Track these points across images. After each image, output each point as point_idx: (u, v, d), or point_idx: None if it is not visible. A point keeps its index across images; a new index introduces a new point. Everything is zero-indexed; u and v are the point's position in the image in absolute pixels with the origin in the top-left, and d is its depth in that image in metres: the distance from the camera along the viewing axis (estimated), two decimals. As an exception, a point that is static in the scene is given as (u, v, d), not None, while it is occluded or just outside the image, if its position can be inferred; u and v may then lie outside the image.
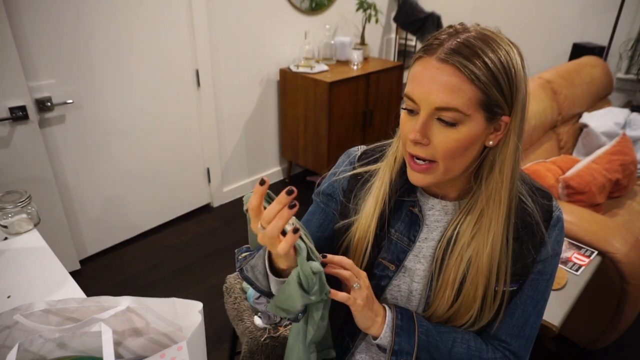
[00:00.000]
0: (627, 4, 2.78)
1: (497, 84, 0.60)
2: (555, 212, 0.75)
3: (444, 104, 0.60)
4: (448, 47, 0.60)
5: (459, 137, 0.62)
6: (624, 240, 1.51)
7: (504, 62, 0.60)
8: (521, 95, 0.63)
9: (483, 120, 0.62)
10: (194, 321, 0.64)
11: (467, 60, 0.59)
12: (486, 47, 0.60)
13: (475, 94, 0.60)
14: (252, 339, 1.24)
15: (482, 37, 0.61)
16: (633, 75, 2.96)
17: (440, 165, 0.65)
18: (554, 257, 0.75)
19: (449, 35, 0.62)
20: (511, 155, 0.66)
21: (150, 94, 2.25)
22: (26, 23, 1.74)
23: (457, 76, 0.59)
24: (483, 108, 0.61)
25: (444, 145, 0.63)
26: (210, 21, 2.36)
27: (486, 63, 0.59)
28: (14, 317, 0.62)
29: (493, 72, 0.59)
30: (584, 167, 1.96)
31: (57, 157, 2.00)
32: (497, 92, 0.60)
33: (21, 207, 1.15)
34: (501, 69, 0.60)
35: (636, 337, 1.86)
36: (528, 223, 0.72)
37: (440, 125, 0.63)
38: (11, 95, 1.71)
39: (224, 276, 1.49)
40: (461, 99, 0.60)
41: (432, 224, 0.77)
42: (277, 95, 2.92)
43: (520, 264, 0.72)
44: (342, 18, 3.11)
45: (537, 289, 0.75)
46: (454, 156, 0.64)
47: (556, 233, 0.74)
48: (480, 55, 0.59)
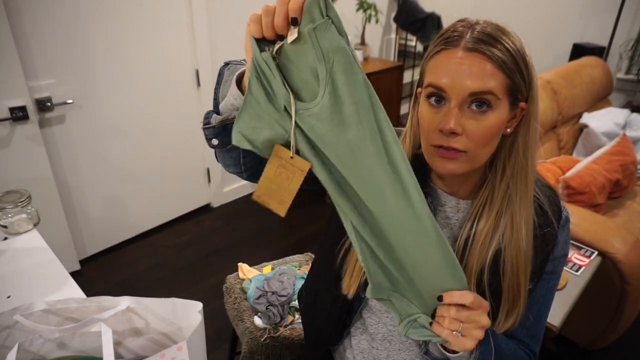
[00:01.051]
0: (627, 4, 2.78)
1: (519, 70, 0.62)
2: (564, 212, 0.75)
3: (480, 88, 0.61)
4: (472, 37, 0.62)
5: (489, 124, 0.63)
6: (624, 240, 1.51)
7: (520, 49, 0.62)
8: (535, 82, 0.65)
9: (508, 106, 0.64)
10: (194, 321, 0.64)
11: (493, 47, 0.61)
12: (502, 34, 0.62)
13: (504, 80, 0.62)
14: (252, 339, 1.24)
15: (496, 27, 0.63)
16: (633, 76, 2.96)
17: (469, 154, 0.65)
18: (563, 257, 0.76)
19: (465, 27, 0.64)
20: (533, 138, 0.67)
21: (150, 94, 2.25)
22: (26, 23, 1.74)
23: (487, 63, 0.61)
24: (509, 94, 0.63)
25: (476, 133, 0.63)
26: (210, 21, 2.36)
27: (508, 49, 0.61)
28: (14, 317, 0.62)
29: (515, 58, 0.62)
30: (584, 168, 1.96)
31: (57, 157, 2.00)
32: (519, 77, 0.63)
33: (21, 207, 1.15)
34: (519, 55, 0.62)
35: (636, 337, 1.86)
36: (543, 222, 0.72)
37: (471, 114, 0.63)
38: (11, 95, 1.71)
39: (224, 276, 1.49)
40: (494, 83, 0.61)
41: (442, 220, 0.75)
42: (277, 95, 2.91)
43: (538, 261, 0.72)
44: (342, 18, 3.09)
45: (548, 288, 0.75)
46: (484, 144, 0.64)
47: (566, 232, 0.75)
48: (502, 42, 0.61)
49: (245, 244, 2.48)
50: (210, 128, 0.63)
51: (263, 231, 2.59)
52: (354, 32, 3.24)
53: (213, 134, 0.64)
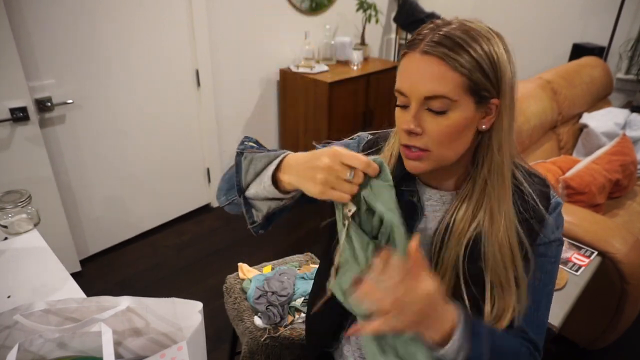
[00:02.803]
0: (627, 4, 2.78)
1: (481, 69, 0.63)
2: (553, 198, 0.76)
3: (432, 92, 0.64)
4: (430, 40, 0.64)
5: (449, 123, 0.65)
6: (624, 240, 1.51)
7: (485, 49, 0.64)
8: (507, 78, 0.66)
9: (472, 105, 0.65)
10: (194, 321, 0.64)
11: (449, 50, 0.62)
12: (467, 36, 0.63)
13: (461, 80, 0.63)
14: (252, 339, 1.24)
15: (463, 28, 0.64)
16: (633, 76, 2.96)
17: (433, 152, 0.68)
18: (556, 241, 0.76)
19: (430, 30, 0.66)
20: (506, 134, 0.68)
21: (150, 94, 2.25)
22: (27, 23, 1.74)
23: (441, 65, 0.63)
24: (471, 93, 0.64)
25: (437, 133, 0.66)
26: (210, 21, 2.36)
27: (467, 51, 0.63)
28: (14, 317, 0.62)
29: (475, 58, 0.63)
30: (584, 168, 1.96)
31: (57, 157, 2.00)
32: (481, 76, 0.64)
33: (21, 207, 1.15)
34: (483, 54, 0.63)
35: (636, 337, 1.86)
36: (525, 207, 0.73)
37: (430, 114, 0.66)
38: (12, 96, 1.71)
39: (224, 276, 1.49)
40: (447, 86, 0.63)
41: (430, 214, 0.78)
42: (277, 95, 2.92)
43: (524, 248, 0.72)
44: (342, 18, 3.11)
45: (544, 271, 0.75)
46: (447, 142, 0.67)
47: (555, 217, 0.75)
48: (461, 44, 0.63)
49: (245, 244, 2.48)
50: (257, 225, 0.76)
51: (263, 231, 2.58)
52: (354, 32, 3.24)
53: (259, 228, 0.78)
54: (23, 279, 1.01)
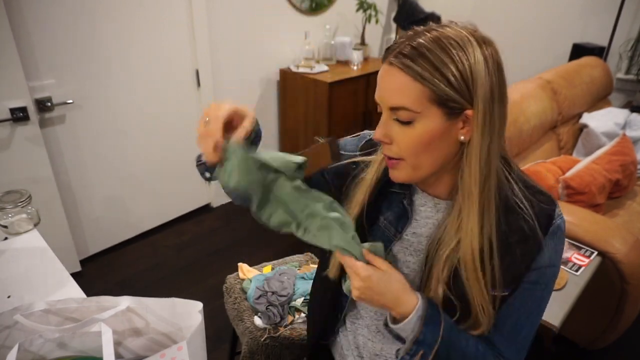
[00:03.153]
0: (627, 4, 2.78)
1: (446, 80, 0.61)
2: (557, 219, 0.72)
3: (394, 103, 0.64)
4: (396, 52, 0.64)
5: (417, 133, 0.65)
6: (624, 240, 1.51)
7: (455, 59, 0.61)
8: (482, 89, 0.62)
9: (441, 116, 0.64)
10: (194, 321, 0.64)
11: (411, 61, 0.62)
12: (435, 46, 0.62)
13: (423, 92, 0.62)
14: (252, 339, 1.24)
15: (434, 36, 0.63)
16: (633, 76, 2.96)
17: (407, 161, 0.68)
18: (551, 267, 0.73)
19: (403, 40, 0.65)
20: (477, 148, 0.65)
21: (150, 94, 2.25)
22: (27, 23, 1.74)
23: (402, 77, 0.63)
24: (437, 104, 0.63)
25: (404, 143, 0.66)
26: (210, 21, 2.36)
27: (432, 62, 0.61)
28: (14, 317, 0.62)
29: (439, 69, 0.61)
30: (584, 168, 1.96)
31: (57, 157, 2.00)
32: (446, 87, 0.62)
33: (21, 207, 1.15)
34: (451, 64, 0.61)
35: (636, 337, 1.86)
36: (521, 227, 0.70)
37: (398, 124, 0.66)
38: (12, 96, 1.71)
39: (224, 276, 1.49)
40: (409, 98, 0.63)
41: (422, 219, 0.77)
42: (277, 95, 2.92)
43: (512, 269, 0.70)
44: (342, 18, 3.11)
45: (532, 299, 0.73)
46: (417, 153, 0.66)
47: (555, 242, 0.72)
48: (427, 55, 0.62)
49: (245, 244, 2.48)
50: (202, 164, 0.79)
51: (263, 231, 2.57)
52: (354, 32, 3.24)
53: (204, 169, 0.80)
54: (23, 279, 1.01)
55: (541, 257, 0.71)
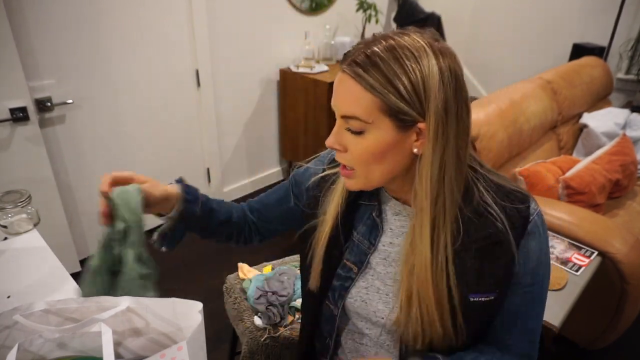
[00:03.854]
0: (627, 4, 2.78)
1: (396, 91, 0.60)
2: (533, 216, 0.70)
3: (346, 112, 0.64)
4: (350, 60, 0.63)
5: (368, 144, 0.64)
6: (624, 240, 1.51)
7: (408, 70, 0.60)
8: (435, 102, 0.60)
9: (392, 127, 0.62)
10: (194, 321, 0.64)
11: (363, 70, 0.61)
12: (389, 55, 0.60)
13: (374, 102, 0.61)
14: (252, 339, 1.24)
15: (389, 45, 0.61)
16: (633, 76, 2.96)
17: (357, 171, 0.68)
18: (542, 265, 0.72)
19: (358, 47, 0.64)
20: (428, 164, 0.63)
21: (150, 94, 2.25)
22: (26, 23, 1.74)
23: (354, 86, 0.62)
24: (388, 115, 0.62)
25: (355, 152, 0.66)
26: (210, 21, 2.36)
27: (383, 72, 0.60)
28: (14, 317, 0.62)
29: (391, 80, 0.60)
30: (584, 168, 1.96)
31: (57, 157, 2.00)
32: (397, 99, 0.60)
33: (21, 207, 1.15)
34: (403, 75, 0.60)
35: (636, 337, 1.86)
36: (492, 233, 0.68)
37: (349, 133, 0.65)
38: (12, 96, 1.71)
39: (224, 276, 1.50)
40: (360, 108, 0.62)
41: (397, 229, 0.77)
42: (277, 95, 2.92)
43: (492, 273, 0.70)
44: (342, 18, 3.11)
45: (534, 297, 0.74)
46: (368, 163, 0.66)
47: (537, 240, 0.71)
48: (379, 64, 0.60)
49: (245, 244, 2.48)
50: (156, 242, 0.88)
51: (263, 231, 2.59)
52: (354, 32, 3.24)
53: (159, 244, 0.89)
54: (23, 279, 1.01)
55: (527, 258, 0.70)
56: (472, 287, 0.70)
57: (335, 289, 0.81)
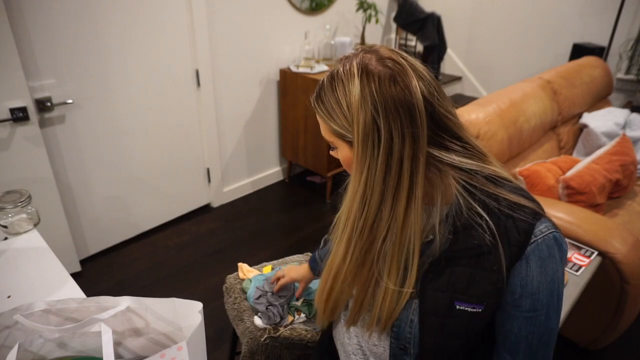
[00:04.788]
0: (627, 4, 2.78)
1: (332, 118, 0.68)
2: (538, 237, 0.66)
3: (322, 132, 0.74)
4: (315, 89, 0.72)
5: (340, 157, 0.73)
6: (624, 240, 1.51)
7: (338, 98, 0.66)
8: (357, 125, 0.63)
9: (347, 146, 0.69)
10: (194, 321, 0.64)
11: (314, 101, 0.71)
12: (329, 87, 0.68)
13: (327, 128, 0.70)
14: (252, 339, 1.24)
15: (330, 76, 0.69)
16: (633, 76, 2.96)
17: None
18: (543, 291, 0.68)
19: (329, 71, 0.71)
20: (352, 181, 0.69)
21: (150, 94, 2.25)
22: (26, 23, 1.74)
23: (317, 112, 0.71)
24: (339, 138, 0.69)
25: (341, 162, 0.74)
26: (210, 21, 2.36)
27: (324, 103, 0.69)
28: (14, 317, 0.62)
29: (327, 109, 0.68)
30: (584, 168, 1.96)
31: (57, 157, 2.00)
32: (336, 126, 0.68)
33: (21, 207, 1.15)
34: (334, 104, 0.67)
35: (636, 337, 1.86)
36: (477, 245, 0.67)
37: None
38: (12, 96, 1.71)
39: (224, 276, 1.50)
40: (324, 131, 0.72)
41: None
42: (277, 95, 2.92)
43: (480, 285, 0.69)
44: (342, 18, 3.11)
45: (537, 324, 0.70)
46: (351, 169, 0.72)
47: (538, 263, 0.67)
48: (322, 96, 0.69)
49: (245, 244, 2.48)
50: None
51: (263, 231, 2.59)
52: (354, 32, 3.24)
53: None
54: (23, 279, 1.01)
55: (527, 281, 0.67)
56: (459, 296, 0.70)
57: None
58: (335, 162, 2.81)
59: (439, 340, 0.74)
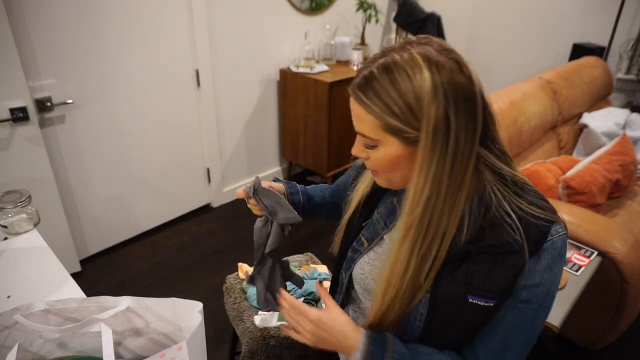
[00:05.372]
0: (627, 4, 2.78)
1: (392, 113, 0.63)
2: (554, 236, 0.68)
3: (358, 130, 0.70)
4: (355, 83, 0.67)
5: (379, 156, 0.69)
6: (624, 240, 1.51)
7: (401, 90, 0.62)
8: (427, 119, 0.61)
9: (399, 143, 0.66)
10: (194, 321, 0.64)
11: (363, 94, 0.65)
12: (385, 76, 0.62)
13: (376, 124, 0.65)
14: (252, 339, 1.24)
15: (385, 66, 0.63)
16: (633, 76, 2.96)
17: (380, 174, 0.74)
18: (543, 286, 0.68)
19: (369, 61, 0.67)
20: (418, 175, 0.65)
21: (150, 94, 2.25)
22: (26, 23, 1.74)
23: (359, 108, 0.66)
24: (391, 134, 0.65)
25: (373, 162, 0.72)
26: (210, 21, 2.36)
27: (379, 95, 0.63)
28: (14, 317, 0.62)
29: (386, 102, 0.63)
30: (584, 168, 1.96)
31: (57, 157, 2.00)
32: (393, 119, 0.63)
33: (21, 207, 1.15)
34: (396, 97, 0.62)
35: (636, 337, 1.86)
36: (506, 242, 0.67)
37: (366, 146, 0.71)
38: (12, 96, 1.71)
39: (224, 276, 1.49)
40: (366, 127, 0.67)
41: None
42: (277, 95, 2.92)
43: (497, 280, 0.68)
44: (342, 18, 3.11)
45: (524, 318, 0.70)
46: (385, 170, 0.72)
47: (549, 260, 0.68)
48: (376, 87, 0.63)
49: (245, 244, 2.48)
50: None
51: (263, 231, 2.59)
52: (354, 32, 3.24)
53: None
54: (23, 279, 1.01)
55: (531, 274, 0.68)
56: (474, 289, 0.69)
57: (348, 259, 0.89)
58: (335, 162, 2.81)
59: (444, 335, 0.73)
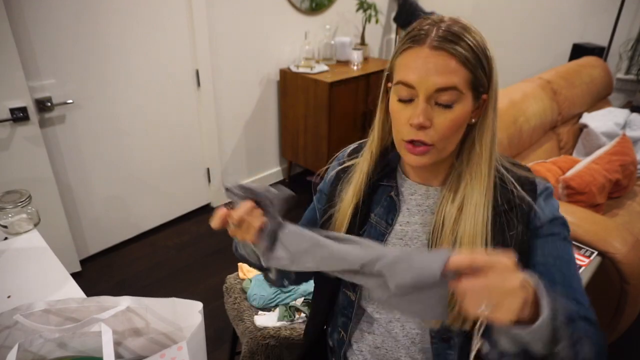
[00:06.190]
0: (627, 4, 2.78)
1: (481, 65, 0.67)
2: (539, 185, 0.76)
3: (445, 84, 0.65)
4: (437, 35, 0.66)
5: (454, 117, 0.68)
6: (624, 240, 1.51)
7: (481, 45, 0.67)
8: (494, 74, 0.70)
9: (471, 99, 0.69)
10: (194, 321, 0.64)
11: (456, 45, 0.65)
12: (466, 32, 0.66)
13: (467, 75, 0.66)
14: (252, 339, 1.24)
15: (460, 24, 0.67)
16: (633, 76, 2.96)
17: (436, 146, 0.70)
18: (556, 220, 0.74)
19: (431, 25, 0.68)
20: (489, 129, 0.71)
21: (151, 94, 2.25)
22: (26, 23, 1.74)
23: (452, 60, 0.65)
24: (472, 88, 0.68)
25: (443, 126, 0.68)
26: (210, 21, 2.36)
27: (470, 46, 0.66)
28: (14, 317, 0.62)
29: (477, 54, 0.66)
30: (584, 168, 1.96)
31: (57, 157, 2.00)
32: (481, 72, 0.67)
33: (21, 207, 1.15)
34: (480, 51, 0.67)
35: (636, 337, 1.86)
36: (511, 198, 0.73)
37: (438, 108, 0.68)
38: (12, 96, 1.71)
39: (224, 276, 1.49)
40: (458, 79, 0.66)
41: (413, 207, 0.80)
42: (277, 95, 2.92)
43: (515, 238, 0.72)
44: (342, 18, 3.11)
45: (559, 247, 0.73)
46: (449, 136, 0.70)
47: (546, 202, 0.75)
48: (465, 39, 0.66)
49: (245, 244, 2.48)
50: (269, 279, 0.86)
51: (263, 231, 2.59)
52: (354, 32, 3.24)
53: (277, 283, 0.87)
54: (23, 279, 1.01)
55: (541, 212, 0.73)
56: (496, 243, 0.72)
57: None
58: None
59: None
